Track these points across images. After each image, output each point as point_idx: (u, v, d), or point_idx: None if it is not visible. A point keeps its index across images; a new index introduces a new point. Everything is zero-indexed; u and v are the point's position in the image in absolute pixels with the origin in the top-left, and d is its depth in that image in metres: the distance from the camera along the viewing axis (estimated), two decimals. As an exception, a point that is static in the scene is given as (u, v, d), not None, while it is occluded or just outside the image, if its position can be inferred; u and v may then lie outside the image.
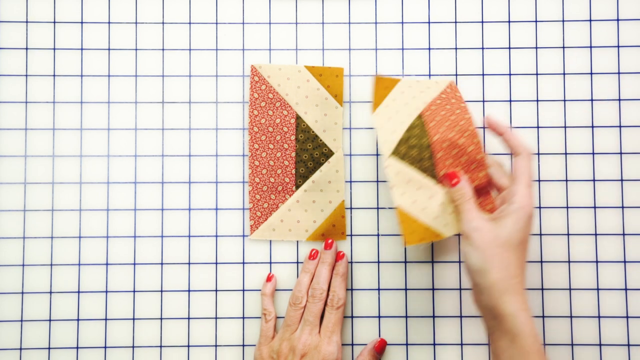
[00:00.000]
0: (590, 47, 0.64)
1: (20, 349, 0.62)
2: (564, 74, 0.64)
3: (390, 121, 0.59)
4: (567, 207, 0.63)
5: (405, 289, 0.63)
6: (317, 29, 0.65)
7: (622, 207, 0.63)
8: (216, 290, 0.63)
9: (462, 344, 0.62)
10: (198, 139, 0.64)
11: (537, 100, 0.64)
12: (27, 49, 0.64)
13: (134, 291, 0.63)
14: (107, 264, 0.63)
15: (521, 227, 0.52)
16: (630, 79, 0.64)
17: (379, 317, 0.63)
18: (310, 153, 0.63)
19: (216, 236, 0.63)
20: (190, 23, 0.65)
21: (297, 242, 0.63)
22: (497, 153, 0.63)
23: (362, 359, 0.61)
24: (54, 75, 0.64)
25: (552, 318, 0.62)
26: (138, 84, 0.64)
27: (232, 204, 0.63)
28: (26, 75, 0.64)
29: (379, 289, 0.63)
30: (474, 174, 0.58)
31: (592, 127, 0.64)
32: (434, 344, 0.62)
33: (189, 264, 0.63)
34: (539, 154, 0.63)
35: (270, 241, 0.63)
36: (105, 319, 0.63)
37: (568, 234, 0.63)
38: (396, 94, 0.60)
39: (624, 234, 0.63)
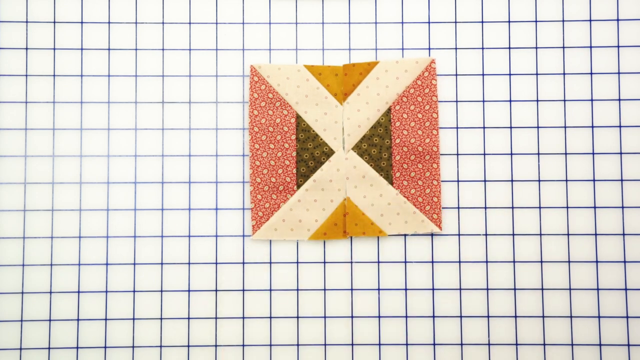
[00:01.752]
0: (590, 47, 0.64)
1: (20, 349, 0.62)
2: (564, 74, 0.64)
3: (359, 113, 0.63)
4: (567, 207, 0.63)
5: (405, 289, 0.63)
6: (317, 29, 0.65)
7: (622, 207, 0.63)
8: (216, 290, 0.63)
9: (462, 344, 0.62)
10: (198, 139, 0.64)
11: (537, 100, 0.64)
12: (27, 49, 0.64)
13: (134, 291, 0.63)
14: (107, 264, 0.63)
15: None
16: (630, 79, 0.64)
17: (379, 317, 0.63)
18: (311, 152, 0.63)
19: (216, 236, 0.63)
20: (190, 23, 0.65)
21: (297, 242, 0.63)
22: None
23: None
24: (54, 75, 0.64)
25: (552, 318, 0.62)
26: (138, 84, 0.64)
27: (232, 204, 0.63)
28: (26, 75, 0.64)
29: (378, 289, 0.63)
30: (427, 180, 0.63)
31: (592, 127, 0.64)
32: (434, 344, 0.62)
33: (189, 264, 0.63)
34: (539, 154, 0.63)
35: (270, 241, 0.63)
36: (105, 319, 0.62)
37: (568, 234, 0.63)
38: (370, 80, 0.63)
39: (624, 234, 0.63)
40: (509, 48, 0.64)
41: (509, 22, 0.64)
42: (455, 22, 0.64)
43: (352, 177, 0.63)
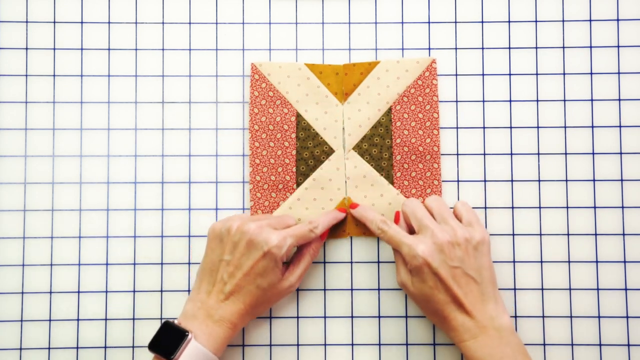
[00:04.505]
0: (590, 47, 0.64)
1: (20, 349, 0.62)
2: (564, 74, 0.64)
3: (360, 113, 0.63)
4: (567, 207, 0.63)
5: (406, 289, 0.63)
6: (317, 29, 0.65)
7: (622, 207, 0.63)
8: (216, 290, 0.63)
9: (462, 344, 0.62)
10: (198, 139, 0.64)
11: (537, 100, 0.64)
12: (27, 49, 0.64)
13: (134, 291, 0.63)
14: (107, 264, 0.63)
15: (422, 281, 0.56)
16: (630, 79, 0.64)
17: (379, 317, 0.63)
18: (311, 151, 0.63)
19: (216, 236, 0.63)
20: (190, 23, 0.65)
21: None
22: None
23: (309, 248, 0.60)
24: (54, 75, 0.64)
25: (552, 318, 0.62)
26: (138, 84, 0.64)
27: (232, 204, 0.63)
28: (26, 75, 0.64)
29: (379, 289, 0.63)
30: (428, 180, 0.63)
31: (592, 127, 0.64)
32: (434, 344, 0.62)
33: (189, 264, 0.63)
34: (539, 154, 0.63)
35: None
36: (105, 319, 0.62)
37: (568, 234, 0.63)
38: (371, 80, 0.63)
39: (624, 234, 0.63)
40: (509, 48, 0.64)
41: (509, 22, 0.64)
42: (455, 22, 0.65)
43: (352, 177, 0.63)
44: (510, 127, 0.64)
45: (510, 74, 0.64)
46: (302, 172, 0.63)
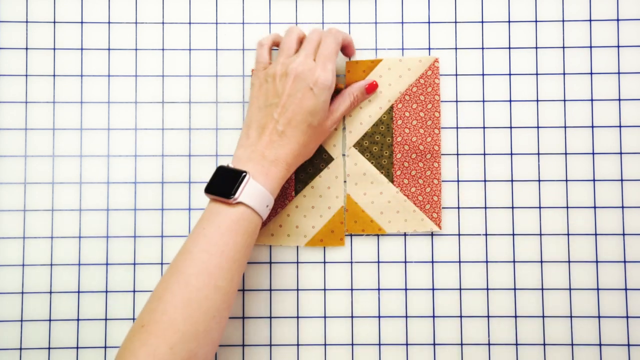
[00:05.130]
0: (590, 47, 0.64)
1: (20, 349, 0.62)
2: (564, 74, 0.64)
3: (361, 111, 0.64)
4: (567, 207, 0.63)
5: (405, 289, 0.63)
6: (317, 29, 0.65)
7: (622, 207, 0.63)
8: (216, 290, 0.63)
9: (462, 344, 0.62)
10: (198, 139, 0.64)
11: (537, 100, 0.64)
12: (27, 49, 0.64)
13: (134, 291, 0.63)
14: (107, 264, 0.63)
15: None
16: (630, 79, 0.64)
17: (379, 317, 0.63)
18: (310, 159, 0.63)
19: (216, 236, 0.63)
20: (190, 23, 0.65)
21: (298, 247, 0.63)
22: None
23: (351, 90, 0.61)
24: (54, 75, 0.64)
25: (552, 318, 0.62)
26: (138, 84, 0.64)
27: (232, 204, 0.63)
28: (26, 75, 0.64)
29: (379, 289, 0.63)
30: (428, 179, 0.63)
31: (592, 127, 0.64)
32: (434, 344, 0.62)
33: (189, 264, 0.63)
34: (539, 154, 0.63)
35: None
36: (105, 319, 0.63)
37: (568, 234, 0.63)
38: (373, 77, 0.63)
39: (624, 234, 0.63)
40: (509, 48, 0.64)
41: (509, 22, 0.64)
42: (455, 22, 0.64)
43: (352, 174, 0.63)
44: (510, 127, 0.64)
45: (510, 74, 0.64)
46: (301, 179, 0.63)
